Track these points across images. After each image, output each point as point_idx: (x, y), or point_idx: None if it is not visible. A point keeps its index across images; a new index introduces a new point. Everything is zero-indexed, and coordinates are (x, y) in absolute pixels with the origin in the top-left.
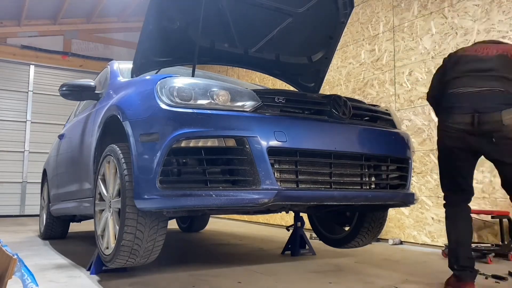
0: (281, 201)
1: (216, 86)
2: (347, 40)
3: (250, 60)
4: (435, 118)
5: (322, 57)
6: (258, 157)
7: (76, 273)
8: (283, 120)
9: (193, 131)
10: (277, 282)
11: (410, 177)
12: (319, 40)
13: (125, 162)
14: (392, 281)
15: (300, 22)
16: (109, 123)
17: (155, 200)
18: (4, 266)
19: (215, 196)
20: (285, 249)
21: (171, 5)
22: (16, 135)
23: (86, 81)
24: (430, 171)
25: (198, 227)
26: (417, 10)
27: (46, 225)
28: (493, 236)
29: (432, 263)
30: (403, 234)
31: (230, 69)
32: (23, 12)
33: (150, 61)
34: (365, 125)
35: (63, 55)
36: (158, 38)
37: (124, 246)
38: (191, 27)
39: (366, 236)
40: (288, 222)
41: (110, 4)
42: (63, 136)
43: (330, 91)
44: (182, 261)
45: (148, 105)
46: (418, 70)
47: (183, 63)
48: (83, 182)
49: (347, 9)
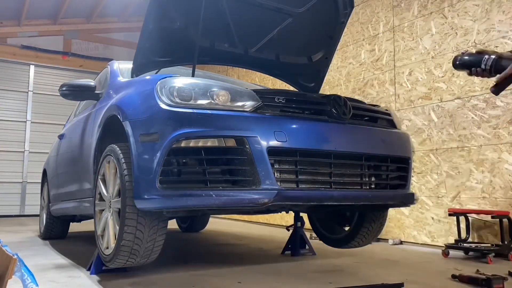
0: (281, 201)
1: (216, 86)
2: (347, 40)
3: (250, 60)
4: (435, 118)
5: (322, 57)
6: (258, 157)
7: (76, 273)
8: (283, 120)
9: (193, 131)
10: (277, 282)
11: (410, 177)
12: (319, 40)
13: (125, 162)
14: (392, 281)
15: (300, 22)
16: (109, 123)
17: (155, 200)
18: (4, 266)
19: (215, 196)
20: (285, 249)
21: (171, 5)
22: (16, 135)
23: (86, 81)
24: (430, 171)
25: (198, 227)
26: (417, 10)
27: (46, 225)
28: (493, 236)
29: (432, 263)
30: (403, 234)
31: (230, 69)
32: (23, 12)
33: (150, 61)
34: (365, 125)
35: (63, 55)
36: (158, 38)
37: (124, 246)
38: (191, 27)
39: (366, 236)
40: (288, 222)
41: (110, 4)
42: (63, 136)
43: (330, 91)
44: (182, 261)
45: (148, 105)
46: (418, 70)
47: (183, 63)
48: (83, 182)
49: (347, 9)
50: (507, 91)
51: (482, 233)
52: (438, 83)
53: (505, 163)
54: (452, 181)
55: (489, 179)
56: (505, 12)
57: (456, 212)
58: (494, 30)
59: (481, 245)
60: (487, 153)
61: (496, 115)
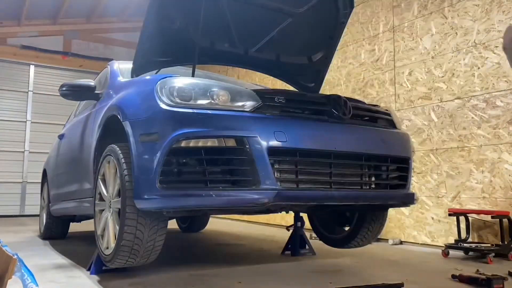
0: (281, 201)
1: (216, 86)
2: (347, 40)
3: (250, 60)
4: (435, 118)
5: (322, 57)
6: (258, 157)
7: (76, 273)
8: (283, 120)
9: (193, 131)
10: (277, 282)
11: (410, 177)
12: (319, 40)
13: (125, 162)
14: (392, 281)
15: (300, 22)
16: (109, 123)
17: (155, 200)
18: (4, 266)
19: (215, 196)
20: (285, 249)
21: (171, 5)
22: (16, 135)
23: (86, 81)
24: (430, 171)
25: (198, 227)
26: (417, 10)
27: (46, 225)
28: (493, 236)
29: (432, 263)
30: (403, 234)
31: (230, 69)
32: (23, 12)
33: (150, 61)
34: (365, 125)
35: (63, 55)
36: (158, 38)
37: (124, 246)
38: (191, 27)
39: (366, 236)
40: (288, 222)
41: (110, 4)
42: (63, 136)
43: (330, 91)
44: (182, 261)
45: (148, 105)
46: (418, 70)
47: (183, 63)
48: (83, 182)
49: (347, 9)
50: (507, 91)
51: (482, 233)
52: (438, 83)
53: (505, 163)
54: (452, 181)
55: (489, 179)
56: (505, 12)
57: (456, 212)
58: (494, 30)
59: (481, 245)
60: (487, 153)
61: (496, 115)
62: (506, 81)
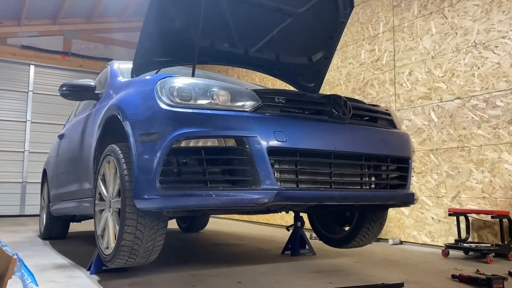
0: (281, 201)
1: (216, 86)
2: (347, 40)
3: (250, 60)
4: (435, 118)
5: (322, 57)
6: (258, 157)
7: (76, 273)
8: (283, 120)
9: (193, 131)
10: (277, 282)
11: (410, 177)
12: (319, 40)
13: (125, 162)
14: (392, 281)
15: (300, 22)
16: (109, 123)
17: (155, 200)
18: (4, 266)
19: (215, 196)
20: (285, 249)
21: (171, 5)
22: (16, 135)
23: (86, 81)
24: (430, 171)
25: (198, 227)
26: (417, 10)
27: (46, 225)
28: (493, 236)
29: (432, 263)
30: (403, 234)
31: (230, 69)
32: (23, 12)
33: (150, 61)
34: (365, 125)
35: (63, 55)
36: (158, 38)
37: (124, 246)
38: (191, 27)
39: (366, 236)
40: (288, 222)
41: (110, 4)
42: (63, 136)
43: (330, 91)
44: (182, 261)
45: (148, 105)
46: (418, 70)
47: (183, 63)
48: (83, 182)
49: (347, 9)
50: (507, 91)
51: (482, 233)
52: (438, 83)
53: (505, 163)
54: (452, 181)
55: (489, 179)
56: (505, 12)
57: (456, 212)
58: (494, 30)
59: (481, 245)
60: (487, 153)
61: (496, 115)
62: (506, 81)
